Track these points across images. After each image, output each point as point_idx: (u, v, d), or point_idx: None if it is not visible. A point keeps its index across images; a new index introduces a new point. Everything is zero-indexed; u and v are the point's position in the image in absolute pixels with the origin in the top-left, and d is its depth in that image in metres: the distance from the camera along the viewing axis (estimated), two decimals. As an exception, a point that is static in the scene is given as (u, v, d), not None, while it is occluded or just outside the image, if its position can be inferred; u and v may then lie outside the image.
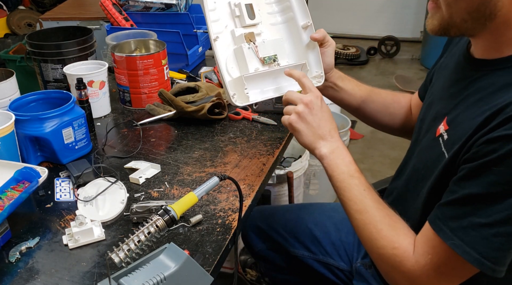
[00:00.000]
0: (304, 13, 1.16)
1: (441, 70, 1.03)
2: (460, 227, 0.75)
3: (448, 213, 0.78)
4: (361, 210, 0.90)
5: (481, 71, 0.83)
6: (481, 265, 0.74)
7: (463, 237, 0.75)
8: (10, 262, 0.90)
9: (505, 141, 0.69)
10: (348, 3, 5.05)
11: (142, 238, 0.76)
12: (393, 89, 3.82)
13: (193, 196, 0.84)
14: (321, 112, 0.99)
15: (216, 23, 1.13)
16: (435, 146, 0.88)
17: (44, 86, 1.52)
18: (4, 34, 4.13)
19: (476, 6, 0.76)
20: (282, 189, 2.06)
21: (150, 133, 1.36)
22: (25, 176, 1.00)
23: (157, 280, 0.72)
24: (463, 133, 0.78)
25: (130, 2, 1.82)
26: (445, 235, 0.77)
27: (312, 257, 1.27)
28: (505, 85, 0.76)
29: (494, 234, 0.73)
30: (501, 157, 0.70)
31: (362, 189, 0.92)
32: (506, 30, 0.77)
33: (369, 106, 1.23)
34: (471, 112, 0.80)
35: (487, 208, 0.73)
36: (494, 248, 0.73)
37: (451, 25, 0.81)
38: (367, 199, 0.91)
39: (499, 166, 0.70)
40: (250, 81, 1.10)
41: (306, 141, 0.98)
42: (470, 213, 0.75)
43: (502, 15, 0.75)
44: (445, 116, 0.88)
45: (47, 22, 2.09)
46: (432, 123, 0.93)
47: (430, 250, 0.80)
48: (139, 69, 1.44)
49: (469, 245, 0.74)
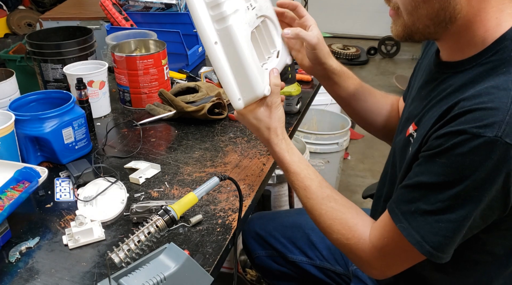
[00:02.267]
0: None
1: (419, 71, 1.05)
2: (408, 211, 0.80)
3: (401, 196, 0.82)
4: (309, 209, 0.95)
5: (446, 74, 0.86)
6: (421, 247, 0.78)
7: (410, 220, 0.79)
8: (10, 262, 0.90)
9: (449, 136, 0.73)
10: (348, 3, 5.05)
11: (142, 238, 0.76)
12: (393, 89, 3.84)
13: (193, 196, 0.84)
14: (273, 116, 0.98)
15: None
16: (406, 145, 0.91)
17: (44, 86, 1.52)
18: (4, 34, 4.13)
19: (436, 12, 0.78)
20: (282, 189, 2.06)
21: (150, 133, 1.36)
22: (25, 176, 1.00)
23: (157, 280, 0.72)
24: (424, 131, 0.82)
25: (130, 2, 1.82)
26: (396, 217, 0.81)
27: (309, 263, 1.28)
28: (461, 85, 0.79)
29: (436, 220, 0.77)
30: (443, 150, 0.74)
31: (303, 188, 0.96)
32: (466, 32, 0.79)
33: (359, 104, 1.19)
34: (432, 112, 0.83)
35: (431, 196, 0.77)
36: (435, 233, 0.77)
37: (415, 31, 0.83)
38: (313, 195, 0.94)
39: (442, 158, 0.74)
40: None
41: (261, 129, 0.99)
42: (418, 198, 0.79)
43: (461, 18, 0.78)
44: (415, 117, 0.90)
45: (47, 22, 2.09)
46: (405, 124, 0.95)
47: (385, 233, 0.84)
48: (139, 69, 1.44)
49: (414, 229, 0.79)
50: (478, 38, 0.79)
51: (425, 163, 0.78)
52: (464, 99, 0.74)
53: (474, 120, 0.71)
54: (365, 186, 1.41)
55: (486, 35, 0.78)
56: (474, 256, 0.86)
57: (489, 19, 0.77)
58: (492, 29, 0.77)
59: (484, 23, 0.77)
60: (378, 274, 0.90)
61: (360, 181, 2.83)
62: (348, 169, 2.96)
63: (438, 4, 0.77)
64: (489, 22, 0.77)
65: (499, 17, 0.77)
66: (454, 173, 0.73)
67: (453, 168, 0.73)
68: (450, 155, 0.73)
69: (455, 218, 0.75)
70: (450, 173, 0.74)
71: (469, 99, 0.74)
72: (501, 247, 0.84)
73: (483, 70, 0.77)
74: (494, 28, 0.77)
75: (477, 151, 0.70)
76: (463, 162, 0.72)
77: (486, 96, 0.72)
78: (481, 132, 0.70)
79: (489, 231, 0.80)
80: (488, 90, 0.73)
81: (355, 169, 2.97)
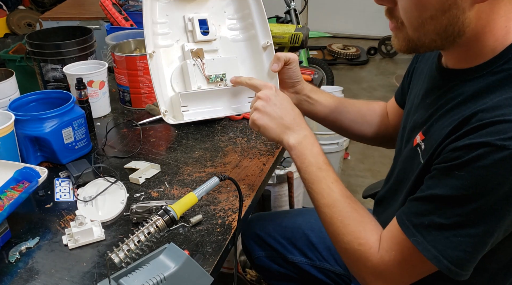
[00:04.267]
0: (265, 32, 1.15)
1: (417, 75, 1.03)
2: (421, 224, 0.77)
3: (413, 208, 0.79)
4: (328, 204, 0.90)
5: (452, 82, 0.84)
6: (439, 263, 0.75)
7: (425, 234, 0.76)
8: (10, 262, 0.90)
9: (469, 149, 0.70)
10: (348, 3, 5.06)
11: (142, 238, 0.76)
12: (393, 89, 3.84)
13: (193, 196, 0.84)
14: (280, 101, 0.99)
15: (165, 36, 1.12)
16: (414, 155, 0.89)
17: (44, 86, 1.52)
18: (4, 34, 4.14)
19: (444, 27, 0.76)
20: (282, 189, 2.06)
21: (150, 133, 1.36)
22: (25, 176, 1.00)
23: (157, 280, 0.72)
24: (435, 142, 0.80)
25: (130, 2, 1.82)
26: (408, 230, 0.79)
27: (309, 263, 1.28)
28: (473, 95, 0.77)
29: (454, 235, 0.74)
30: (463, 163, 0.71)
31: (330, 182, 0.92)
32: (475, 43, 0.78)
33: (344, 117, 1.22)
34: (443, 121, 0.81)
35: (447, 210, 0.74)
36: (453, 247, 0.74)
37: (420, 45, 0.81)
38: (335, 192, 0.91)
39: (461, 171, 0.71)
40: (190, 99, 1.08)
41: (273, 135, 0.98)
42: (432, 212, 0.76)
43: (470, 31, 0.76)
44: (422, 126, 0.89)
45: (47, 22, 2.09)
46: (411, 133, 0.93)
47: (394, 247, 0.82)
48: (139, 69, 1.44)
49: (430, 243, 0.76)
50: (487, 48, 0.77)
51: (440, 176, 0.75)
52: (482, 111, 0.72)
53: (498, 132, 0.68)
54: (365, 186, 1.41)
55: (495, 44, 0.76)
56: (484, 265, 0.83)
57: (498, 29, 0.75)
58: (501, 37, 0.76)
59: (494, 32, 0.76)
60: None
61: (360, 181, 2.83)
62: (348, 169, 2.96)
63: (446, 20, 0.74)
64: (499, 32, 0.76)
65: (508, 25, 0.75)
66: (474, 186, 0.70)
67: (473, 181, 0.70)
68: (471, 168, 0.70)
69: (475, 232, 0.72)
70: (469, 186, 0.71)
71: (488, 111, 0.71)
72: (508, 255, 0.83)
73: (496, 79, 0.75)
74: (504, 37, 0.76)
75: (501, 164, 0.68)
76: (485, 175, 0.69)
77: (507, 108, 0.70)
78: (507, 145, 0.67)
79: (502, 241, 0.78)
80: (509, 102, 0.71)
81: (355, 169, 2.98)
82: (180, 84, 1.12)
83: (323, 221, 0.92)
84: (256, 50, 1.17)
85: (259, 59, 1.17)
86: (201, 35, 1.13)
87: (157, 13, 1.12)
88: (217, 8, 1.17)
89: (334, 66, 4.42)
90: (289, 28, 1.63)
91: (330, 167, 0.94)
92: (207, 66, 1.12)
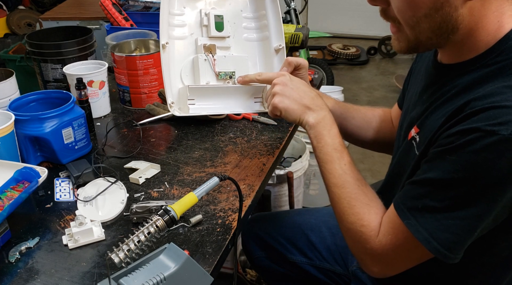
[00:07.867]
0: (279, 35, 1.16)
1: (415, 76, 1.05)
2: (415, 207, 0.78)
3: (408, 192, 0.81)
4: (338, 184, 0.92)
5: (447, 76, 0.86)
6: (429, 244, 0.77)
7: (418, 217, 0.78)
8: (10, 262, 0.90)
9: (461, 135, 0.72)
10: (348, 3, 5.06)
11: (142, 238, 0.76)
12: (393, 89, 3.84)
13: (193, 196, 0.84)
14: (296, 85, 1.01)
15: (180, 29, 1.13)
16: (409, 148, 0.90)
17: (44, 86, 1.52)
18: (4, 34, 4.14)
19: (438, 24, 0.77)
20: (282, 189, 2.06)
21: (150, 133, 1.36)
22: (25, 176, 1.00)
23: (157, 280, 0.72)
24: (429, 133, 0.81)
25: (130, 2, 1.82)
26: (402, 213, 0.80)
27: (309, 263, 1.28)
28: (467, 86, 0.79)
29: (445, 217, 0.75)
30: (455, 148, 0.73)
31: (343, 164, 0.94)
32: (469, 38, 0.79)
33: (349, 122, 1.23)
34: (437, 113, 0.83)
35: (439, 193, 0.76)
36: (443, 230, 0.76)
37: (418, 44, 0.83)
38: (346, 174, 0.93)
39: (452, 155, 0.73)
40: (197, 93, 1.10)
41: (295, 116, 1.00)
42: (425, 195, 0.78)
43: (464, 27, 0.77)
44: (417, 120, 0.90)
45: (47, 22, 2.09)
46: (408, 129, 0.95)
47: (390, 230, 0.83)
48: (139, 69, 1.44)
49: (422, 226, 0.77)
50: (481, 42, 0.79)
51: (434, 160, 0.77)
52: (475, 99, 0.74)
53: (488, 118, 0.70)
54: (365, 185, 1.41)
55: (488, 39, 0.78)
56: (482, 259, 0.85)
57: (490, 24, 0.77)
58: (494, 32, 0.77)
59: (486, 28, 0.77)
60: (378, 272, 0.89)
61: (360, 181, 2.82)
62: (348, 169, 2.95)
63: (440, 18, 0.76)
64: (491, 26, 0.77)
65: (500, 20, 0.77)
66: (464, 170, 0.72)
67: (463, 165, 0.72)
68: (462, 152, 0.72)
69: (465, 215, 0.74)
70: (460, 170, 0.72)
71: (480, 99, 0.73)
72: (506, 249, 0.83)
73: (489, 71, 0.77)
74: (497, 31, 0.77)
75: (490, 148, 0.69)
76: (475, 159, 0.70)
77: (499, 95, 0.71)
78: (496, 130, 0.68)
79: (497, 234, 0.79)
80: (501, 90, 0.72)
81: (355, 169, 2.97)
82: (190, 77, 1.14)
83: (331, 199, 0.94)
84: (268, 52, 1.18)
85: (269, 61, 1.18)
86: (215, 31, 1.14)
87: (175, 4, 1.13)
88: (235, 5, 1.19)
89: (334, 66, 4.42)
90: (289, 28, 1.63)
91: (345, 149, 0.96)
92: (218, 62, 1.13)
